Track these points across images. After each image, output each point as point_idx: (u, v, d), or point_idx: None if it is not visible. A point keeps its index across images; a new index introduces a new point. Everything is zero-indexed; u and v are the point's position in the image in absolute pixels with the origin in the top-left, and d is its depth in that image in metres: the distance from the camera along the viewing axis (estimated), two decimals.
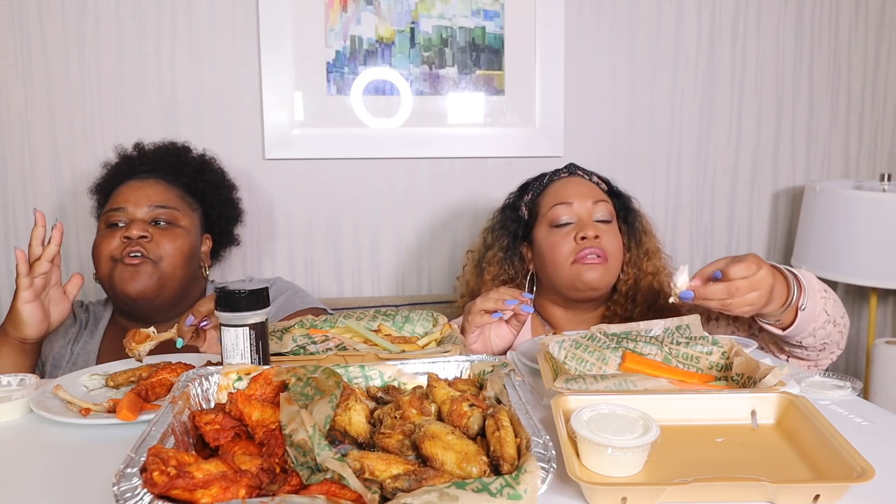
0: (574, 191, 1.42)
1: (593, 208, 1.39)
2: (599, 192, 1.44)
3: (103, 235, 1.40)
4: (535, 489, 0.57)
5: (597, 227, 1.37)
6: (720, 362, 0.97)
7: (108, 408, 0.89)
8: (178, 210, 1.44)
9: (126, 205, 1.40)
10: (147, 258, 1.36)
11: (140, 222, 1.38)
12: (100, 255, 1.38)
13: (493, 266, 1.47)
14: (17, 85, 1.75)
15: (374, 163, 1.88)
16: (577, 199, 1.40)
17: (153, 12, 1.77)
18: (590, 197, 1.40)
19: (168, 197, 1.44)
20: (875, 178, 2.02)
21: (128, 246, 1.36)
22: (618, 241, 1.41)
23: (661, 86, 1.96)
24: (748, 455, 0.75)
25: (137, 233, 1.36)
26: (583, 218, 1.39)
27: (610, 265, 1.37)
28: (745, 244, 2.07)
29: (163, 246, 1.39)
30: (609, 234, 1.39)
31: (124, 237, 1.36)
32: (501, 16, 1.85)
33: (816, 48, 2.01)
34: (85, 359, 1.40)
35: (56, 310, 1.25)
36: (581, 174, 1.47)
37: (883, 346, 1.78)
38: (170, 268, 1.39)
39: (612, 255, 1.37)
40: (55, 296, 1.24)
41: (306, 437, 0.64)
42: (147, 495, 0.56)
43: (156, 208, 1.41)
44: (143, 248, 1.36)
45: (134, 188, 1.43)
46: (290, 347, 1.05)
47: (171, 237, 1.40)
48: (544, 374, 0.89)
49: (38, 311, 1.21)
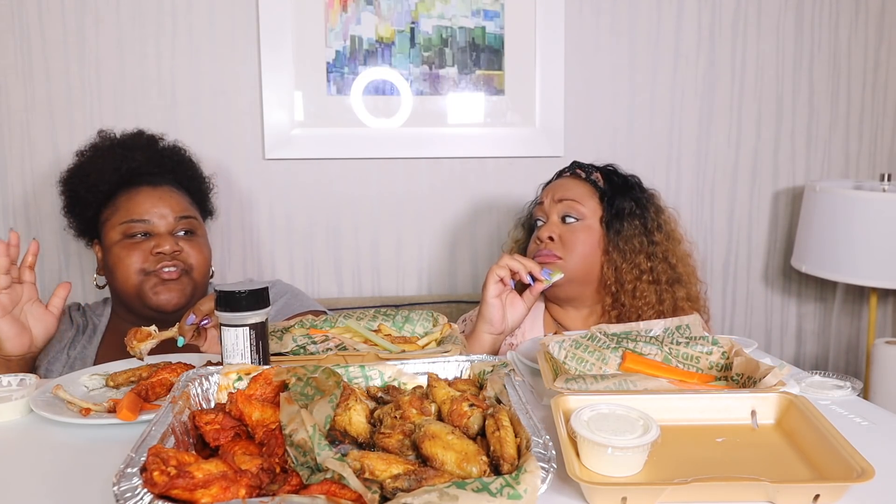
0: (553, 191, 1.44)
1: (557, 207, 1.41)
2: (578, 191, 1.42)
3: (124, 247, 1.37)
4: (535, 489, 0.57)
5: (553, 230, 1.40)
6: (720, 362, 0.97)
7: (108, 408, 0.89)
8: (196, 218, 1.45)
9: (149, 217, 1.38)
10: (183, 272, 1.37)
11: (168, 236, 1.38)
12: (126, 268, 1.36)
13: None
14: (17, 85, 1.75)
15: (374, 163, 1.89)
16: (548, 197, 1.44)
17: (153, 12, 1.77)
18: (559, 194, 1.42)
19: (184, 205, 1.44)
20: (875, 178, 2.02)
21: (161, 261, 1.36)
22: (585, 241, 1.39)
23: (661, 86, 1.96)
24: (748, 455, 0.75)
25: (171, 248, 1.36)
26: (550, 217, 1.42)
27: (562, 265, 1.36)
28: (745, 244, 2.07)
29: (193, 257, 1.40)
30: (573, 234, 1.39)
31: (157, 252, 1.36)
32: (501, 16, 1.85)
33: (816, 48, 2.01)
34: (82, 364, 1.38)
35: (38, 325, 1.20)
36: (579, 172, 1.47)
37: (883, 346, 1.78)
38: (199, 277, 1.41)
39: (572, 253, 1.37)
40: (35, 312, 1.20)
41: (306, 437, 0.64)
42: (147, 495, 0.56)
43: (180, 219, 1.41)
44: (177, 260, 1.37)
45: (153, 198, 1.41)
46: (290, 347, 1.05)
47: (197, 248, 1.41)
48: (544, 374, 0.89)
49: (13, 325, 1.16)
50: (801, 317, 2.13)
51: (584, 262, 1.39)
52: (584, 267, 1.39)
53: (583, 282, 1.40)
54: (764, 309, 2.11)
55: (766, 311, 2.11)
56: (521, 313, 1.32)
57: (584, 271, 1.39)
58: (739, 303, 2.09)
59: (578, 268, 1.38)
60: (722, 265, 2.07)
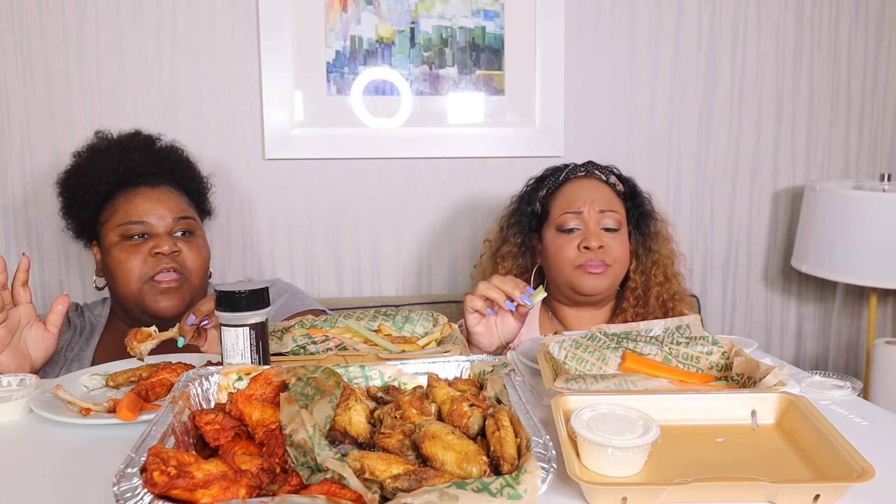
0: (584, 196, 1.43)
1: (600, 217, 1.41)
2: (611, 198, 1.45)
3: (124, 250, 1.36)
4: (536, 489, 0.57)
5: (600, 238, 1.39)
6: (720, 362, 0.97)
7: (108, 408, 0.89)
8: (194, 219, 1.44)
9: (147, 218, 1.37)
10: (180, 273, 1.35)
11: (166, 237, 1.37)
12: (127, 273, 1.35)
13: (508, 261, 1.53)
14: (17, 85, 1.75)
15: (374, 163, 1.88)
16: (587, 205, 1.42)
17: (153, 12, 1.77)
18: (599, 204, 1.42)
19: (182, 206, 1.43)
20: (875, 178, 2.02)
21: (159, 263, 1.34)
22: (623, 249, 1.44)
23: (661, 86, 1.96)
24: (748, 455, 0.75)
25: (170, 248, 1.34)
26: (589, 226, 1.41)
27: (611, 273, 1.41)
28: (745, 244, 2.07)
29: (191, 260, 1.38)
30: (615, 241, 1.41)
31: (155, 253, 1.34)
32: (501, 16, 1.85)
33: (816, 48, 2.01)
34: (79, 365, 1.37)
35: (38, 349, 1.16)
36: (599, 174, 1.48)
37: (883, 346, 1.78)
38: (198, 280, 1.40)
39: (616, 262, 1.41)
40: (34, 335, 1.15)
41: (306, 437, 0.64)
42: (147, 495, 0.56)
43: (178, 220, 1.39)
44: (175, 262, 1.35)
45: (151, 199, 1.39)
46: (290, 347, 1.05)
47: (195, 249, 1.40)
48: (544, 374, 0.89)
49: (13, 357, 1.11)
50: (801, 317, 2.13)
51: (624, 268, 1.45)
52: (623, 273, 1.45)
53: (616, 286, 1.47)
54: (764, 309, 2.11)
55: (766, 311, 2.11)
56: (514, 329, 1.22)
57: (622, 276, 1.46)
58: (739, 303, 2.09)
59: (620, 275, 1.45)
60: (722, 265, 2.07)
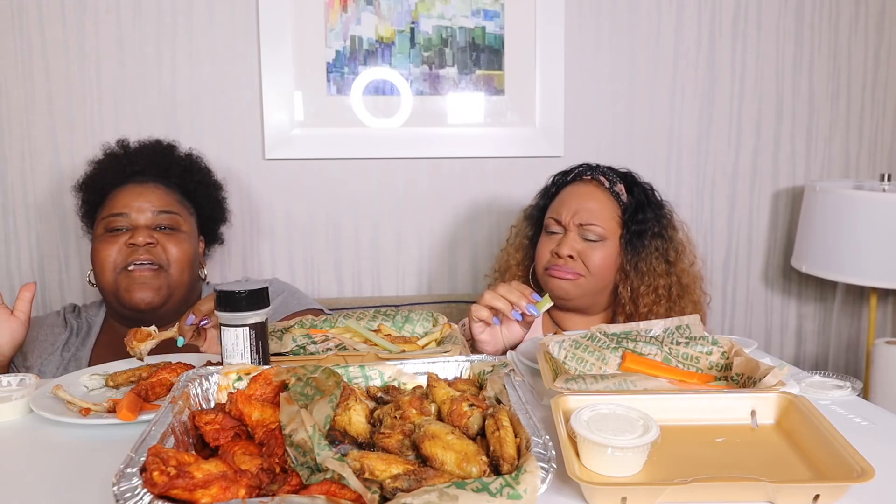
0: (570, 205, 1.40)
1: (581, 230, 1.38)
2: (601, 210, 1.39)
3: (103, 241, 1.37)
4: (535, 489, 0.57)
5: (573, 247, 1.37)
6: (720, 362, 0.97)
7: (108, 408, 0.89)
8: (179, 215, 1.43)
9: (128, 210, 1.38)
10: (155, 265, 1.35)
11: (145, 228, 1.36)
12: (102, 262, 1.35)
13: (520, 252, 1.52)
14: (17, 85, 1.75)
15: (374, 163, 1.89)
16: (569, 215, 1.39)
17: (153, 13, 1.77)
18: (583, 216, 1.38)
19: (168, 201, 1.43)
20: (875, 178, 2.02)
21: (133, 253, 1.34)
22: (605, 260, 1.38)
23: (661, 86, 1.96)
24: (748, 455, 0.75)
25: (144, 239, 1.34)
26: (567, 233, 1.39)
27: (584, 283, 1.37)
28: (745, 244, 2.07)
29: (169, 251, 1.37)
30: (595, 252, 1.37)
31: (129, 244, 1.34)
32: (501, 16, 1.85)
33: (816, 48, 2.01)
34: (76, 365, 1.37)
35: (3, 333, 1.18)
36: (602, 181, 1.43)
37: (883, 346, 1.78)
38: (177, 273, 1.38)
39: (593, 273, 1.37)
40: None
41: (306, 437, 0.64)
42: (147, 495, 0.56)
43: (159, 214, 1.39)
44: (151, 254, 1.34)
45: (134, 193, 1.40)
46: (290, 347, 1.05)
47: (176, 242, 1.39)
48: (544, 374, 0.89)
49: None
50: (801, 317, 2.13)
51: (603, 279, 1.40)
52: (601, 284, 1.40)
53: (597, 295, 1.42)
54: (764, 309, 2.11)
55: (766, 311, 2.11)
56: (519, 336, 1.23)
57: (601, 287, 1.41)
58: (739, 303, 2.09)
59: (596, 285, 1.40)
60: (722, 265, 2.07)
